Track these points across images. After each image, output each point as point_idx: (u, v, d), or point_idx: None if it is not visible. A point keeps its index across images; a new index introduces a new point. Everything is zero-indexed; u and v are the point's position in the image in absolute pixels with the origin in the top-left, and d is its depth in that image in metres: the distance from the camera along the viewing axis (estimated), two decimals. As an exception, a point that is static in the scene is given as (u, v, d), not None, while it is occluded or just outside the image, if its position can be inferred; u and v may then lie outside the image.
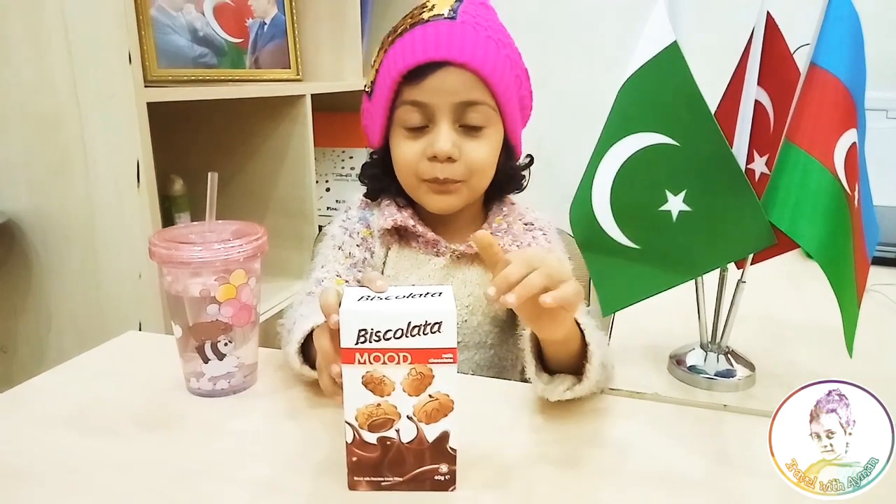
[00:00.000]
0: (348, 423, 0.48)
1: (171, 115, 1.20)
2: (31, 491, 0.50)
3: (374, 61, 0.78)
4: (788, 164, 0.56)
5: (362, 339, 0.46)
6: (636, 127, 0.60)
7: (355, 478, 0.49)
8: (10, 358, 1.24)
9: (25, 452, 0.55)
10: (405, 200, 0.80)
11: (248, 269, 0.62)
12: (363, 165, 0.83)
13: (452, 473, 0.50)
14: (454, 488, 0.50)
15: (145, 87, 1.02)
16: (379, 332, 0.46)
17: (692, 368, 0.68)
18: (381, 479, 0.49)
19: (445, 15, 0.72)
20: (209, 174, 0.61)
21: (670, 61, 0.57)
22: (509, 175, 0.80)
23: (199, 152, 1.47)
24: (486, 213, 0.82)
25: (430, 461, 0.49)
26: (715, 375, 0.67)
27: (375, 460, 0.49)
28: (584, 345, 0.58)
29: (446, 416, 0.48)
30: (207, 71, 1.29)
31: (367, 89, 0.79)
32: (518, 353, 0.81)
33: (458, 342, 0.76)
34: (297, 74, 1.52)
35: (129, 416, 0.60)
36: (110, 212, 1.07)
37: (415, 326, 0.46)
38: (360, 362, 0.46)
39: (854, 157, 0.57)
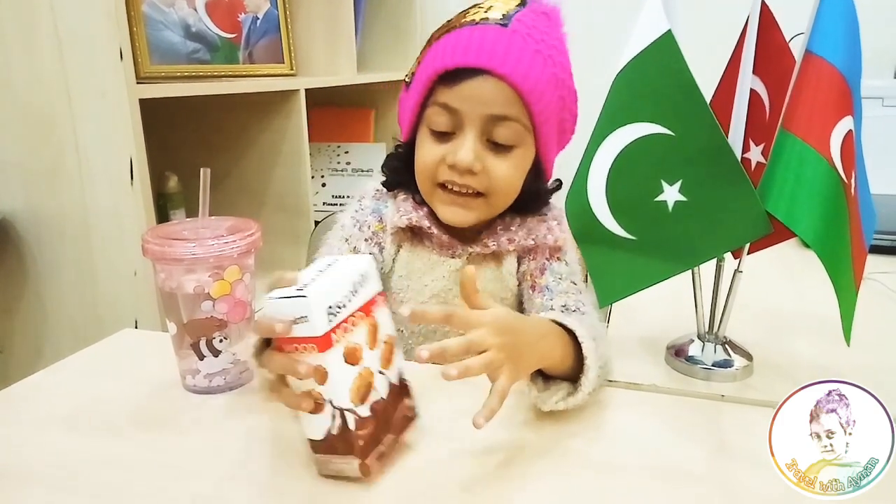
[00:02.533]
0: (348, 410, 0.47)
1: (165, 111, 1.19)
2: (27, 490, 0.49)
3: (421, 53, 0.74)
4: (784, 153, 0.56)
5: (331, 315, 0.46)
6: (631, 117, 0.59)
7: (366, 461, 0.49)
8: (6, 357, 1.24)
9: (22, 451, 0.54)
10: (422, 197, 0.76)
11: (242, 265, 0.61)
12: (388, 155, 0.80)
13: (413, 405, 0.53)
14: (417, 418, 0.53)
15: (137, 83, 1.01)
16: (340, 302, 0.47)
17: (690, 359, 0.68)
18: (380, 445, 0.50)
19: (498, 20, 0.67)
20: (202, 170, 0.61)
21: (665, 50, 0.57)
22: (533, 197, 0.75)
23: (193, 149, 1.47)
24: None
25: (400, 401, 0.52)
26: (712, 366, 0.67)
27: (374, 432, 0.49)
28: (580, 355, 0.57)
29: (395, 353, 0.52)
30: (200, 67, 1.28)
31: (406, 79, 0.75)
32: None
33: None
34: (291, 69, 1.52)
35: (126, 414, 0.60)
36: (105, 210, 1.06)
37: (355, 283, 0.49)
38: (336, 342, 0.46)
39: (850, 145, 0.57)
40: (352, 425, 0.47)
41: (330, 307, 0.46)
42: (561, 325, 0.59)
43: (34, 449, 0.55)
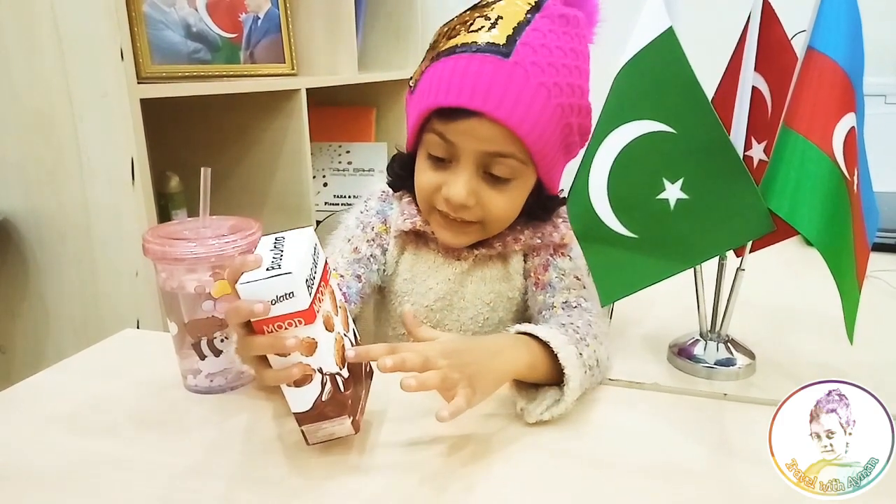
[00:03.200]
0: (337, 374, 0.48)
1: (167, 111, 1.19)
2: (28, 490, 0.49)
3: (425, 57, 0.71)
4: (787, 150, 0.56)
5: (309, 287, 0.46)
6: (632, 115, 0.59)
7: (356, 418, 0.51)
8: (8, 358, 1.24)
9: (23, 451, 0.54)
10: None
11: (243, 264, 0.61)
12: (393, 156, 0.79)
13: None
14: (374, 371, 0.57)
15: (139, 83, 1.01)
16: (310, 275, 0.47)
17: (692, 357, 0.68)
18: (360, 400, 0.53)
19: (499, 46, 0.63)
20: (202, 169, 0.61)
21: (666, 48, 0.56)
22: (536, 210, 0.74)
23: (194, 149, 1.47)
24: None
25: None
26: (715, 364, 0.67)
27: (355, 389, 0.51)
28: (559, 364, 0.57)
29: (349, 316, 0.56)
30: (202, 67, 1.28)
31: (411, 83, 0.73)
32: None
33: None
34: (292, 69, 1.52)
35: (127, 414, 0.60)
36: (106, 210, 1.06)
37: (312, 256, 0.50)
38: (317, 312, 0.47)
39: (853, 142, 0.56)
40: (342, 387, 0.49)
41: (307, 280, 0.46)
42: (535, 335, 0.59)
43: (36, 449, 0.55)
